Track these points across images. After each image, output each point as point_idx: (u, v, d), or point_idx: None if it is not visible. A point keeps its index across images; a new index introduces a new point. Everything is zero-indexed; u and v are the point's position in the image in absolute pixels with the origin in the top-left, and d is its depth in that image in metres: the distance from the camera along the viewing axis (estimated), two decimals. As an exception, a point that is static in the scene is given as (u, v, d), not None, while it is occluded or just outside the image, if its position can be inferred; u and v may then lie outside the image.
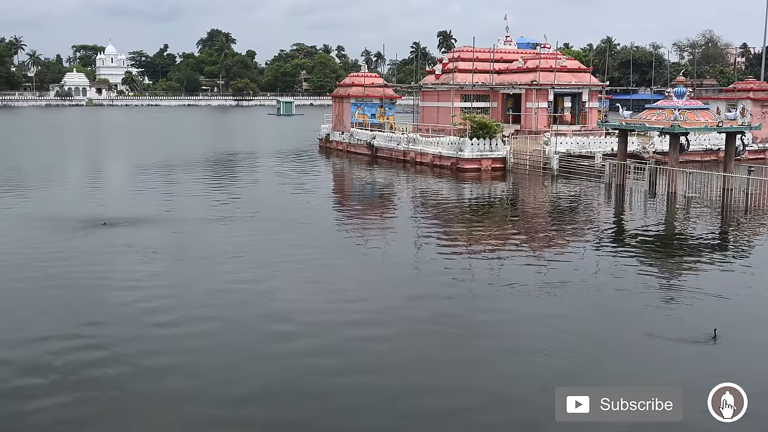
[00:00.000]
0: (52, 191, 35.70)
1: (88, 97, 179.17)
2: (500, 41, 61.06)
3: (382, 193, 38.02)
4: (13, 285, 18.22)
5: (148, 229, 25.15)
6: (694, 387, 11.58)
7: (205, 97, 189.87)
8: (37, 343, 14.06)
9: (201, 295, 17.27)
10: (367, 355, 13.87)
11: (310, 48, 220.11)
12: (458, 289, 18.21)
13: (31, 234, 24.20)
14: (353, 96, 59.99)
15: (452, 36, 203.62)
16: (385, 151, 51.46)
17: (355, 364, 13.39)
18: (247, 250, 22.02)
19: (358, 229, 26.85)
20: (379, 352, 14.02)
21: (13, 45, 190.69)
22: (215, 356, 13.68)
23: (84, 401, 11.74)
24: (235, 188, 37.22)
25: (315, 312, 16.19)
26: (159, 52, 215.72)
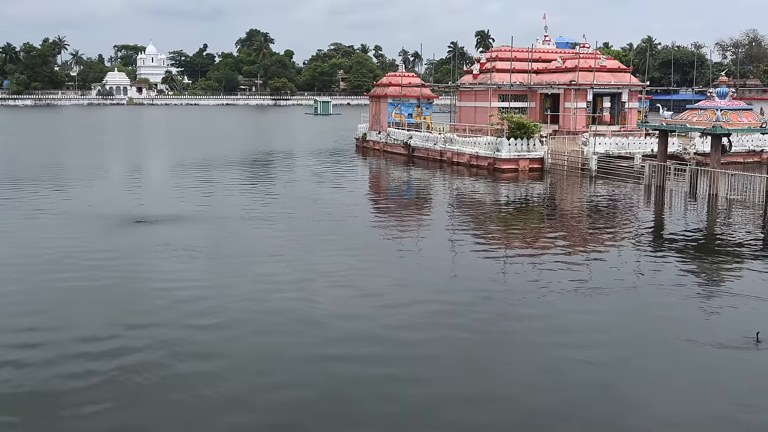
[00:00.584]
0: (93, 189, 36.29)
1: (129, 97, 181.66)
2: (539, 41, 60.59)
3: (418, 193, 37.98)
4: (53, 283, 18.52)
5: (187, 228, 25.43)
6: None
7: (244, 97, 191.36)
8: (78, 340, 14.30)
9: (239, 295, 17.38)
10: (403, 358, 13.82)
11: (348, 48, 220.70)
12: (494, 289, 18.09)
13: (72, 231, 24.61)
14: (390, 96, 60.02)
15: (490, 36, 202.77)
16: (421, 151, 51.38)
17: (390, 367, 13.36)
18: (285, 250, 22.13)
19: (395, 229, 26.86)
20: (414, 354, 13.98)
21: (57, 45, 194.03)
22: (252, 356, 13.77)
23: (123, 399, 11.89)
24: (272, 187, 37.45)
25: (350, 312, 16.21)
26: (198, 52, 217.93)
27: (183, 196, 33.24)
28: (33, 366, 12.94)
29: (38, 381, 12.34)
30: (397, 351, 14.04)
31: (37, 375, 12.57)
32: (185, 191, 35.06)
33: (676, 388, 12.48)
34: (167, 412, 11.52)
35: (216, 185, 37.47)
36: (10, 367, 12.90)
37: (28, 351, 13.65)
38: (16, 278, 18.88)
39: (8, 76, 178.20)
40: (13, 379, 12.43)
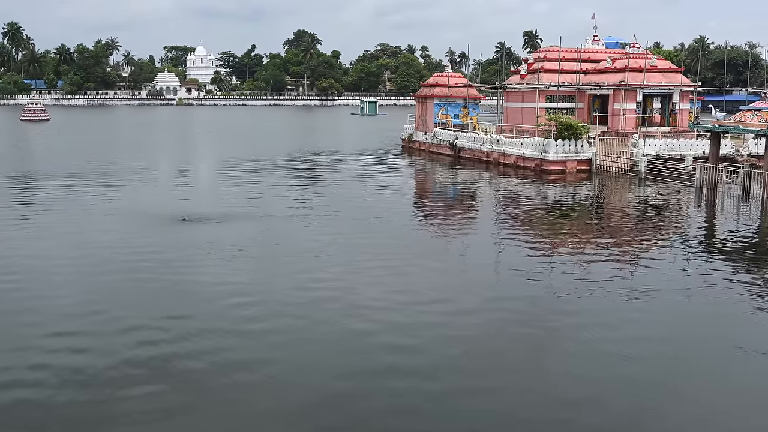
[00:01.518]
0: (142, 188, 36.89)
1: (178, 97, 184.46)
2: (588, 41, 59.92)
3: (464, 193, 37.84)
4: (102, 280, 18.87)
5: (233, 227, 25.69)
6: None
7: (291, 97, 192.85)
8: (126, 336, 14.55)
9: (284, 294, 17.51)
10: (446, 358, 13.76)
11: (395, 48, 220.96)
12: (540, 291, 17.96)
13: (121, 230, 25.05)
14: (437, 96, 59.92)
15: (538, 36, 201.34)
16: (467, 152, 51.18)
17: (433, 367, 13.32)
18: (330, 250, 22.22)
19: (440, 229, 26.79)
20: (457, 354, 13.92)
21: (109, 46, 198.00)
22: (296, 355, 13.84)
23: (168, 395, 12.07)
24: (318, 187, 37.64)
25: (396, 313, 16.19)
26: (247, 53, 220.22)
27: (230, 196, 33.58)
28: (83, 360, 13.20)
29: (89, 376, 12.58)
30: (441, 351, 13.97)
31: (88, 370, 12.81)
32: (232, 190, 35.42)
33: (721, 393, 12.22)
34: (212, 407, 11.64)
35: (262, 185, 37.81)
36: (60, 362, 13.18)
37: (78, 346, 13.94)
38: (69, 275, 19.26)
39: (62, 76, 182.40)
40: (64, 375, 12.68)
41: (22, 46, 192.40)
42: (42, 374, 12.58)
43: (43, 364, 13.02)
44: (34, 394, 11.89)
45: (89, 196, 33.03)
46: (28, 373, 12.67)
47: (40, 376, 12.53)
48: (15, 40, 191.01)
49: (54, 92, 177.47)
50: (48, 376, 12.53)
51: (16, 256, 20.98)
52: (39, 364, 13.02)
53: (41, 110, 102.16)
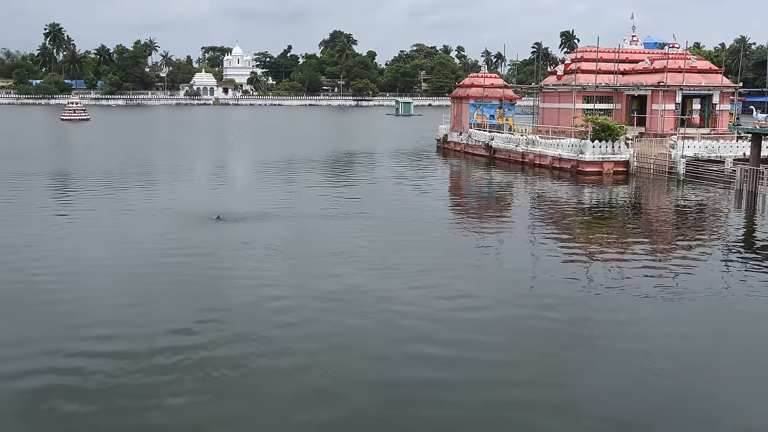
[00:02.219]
0: (179, 186, 37.26)
1: (215, 97, 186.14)
2: (626, 41, 59.21)
3: (499, 194, 37.63)
4: (137, 277, 19.09)
5: (268, 226, 25.83)
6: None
7: (326, 97, 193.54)
8: (161, 334, 14.72)
9: (318, 295, 17.53)
10: (480, 360, 13.67)
11: (430, 48, 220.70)
12: (576, 293, 17.78)
13: (158, 228, 25.34)
14: (472, 97, 59.70)
15: (575, 36, 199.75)
16: (503, 153, 50.89)
17: (464, 368, 13.25)
18: (365, 250, 22.23)
19: (475, 230, 26.66)
20: (492, 357, 13.82)
21: (148, 46, 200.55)
22: (329, 353, 13.86)
23: (202, 391, 12.17)
24: (353, 187, 37.69)
25: (426, 312, 16.13)
26: (283, 53, 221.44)
27: (265, 195, 33.77)
28: (120, 356, 13.36)
29: (124, 372, 12.72)
30: (472, 352, 13.88)
31: (124, 366, 12.96)
32: (267, 190, 35.62)
33: (761, 398, 11.98)
34: (244, 403, 11.70)
35: (298, 184, 37.96)
36: (100, 357, 13.35)
37: (115, 342, 14.11)
38: (107, 272, 19.52)
39: (102, 77, 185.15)
40: (103, 369, 12.84)
41: (63, 47, 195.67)
42: (81, 365, 12.78)
43: (83, 356, 13.24)
44: (74, 384, 12.08)
45: (127, 194, 33.44)
46: (68, 364, 12.88)
47: (80, 367, 12.73)
48: (56, 41, 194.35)
49: (94, 92, 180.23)
50: (87, 368, 12.72)
51: (56, 253, 21.32)
52: (79, 356, 13.25)
53: (81, 110, 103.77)
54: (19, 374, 12.62)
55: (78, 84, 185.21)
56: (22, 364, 13.01)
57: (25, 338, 14.27)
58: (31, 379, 12.47)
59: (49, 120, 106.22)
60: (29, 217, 27.08)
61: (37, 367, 12.91)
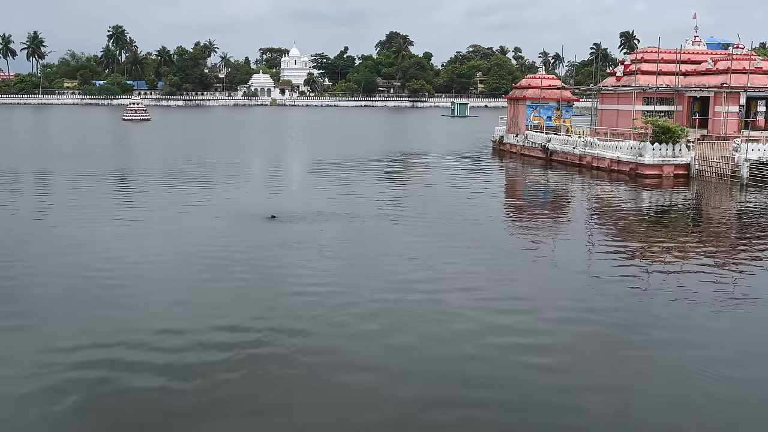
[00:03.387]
0: (235, 185, 37.69)
1: (272, 98, 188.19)
2: (688, 41, 57.89)
3: (555, 197, 37.16)
4: (194, 275, 19.35)
5: (323, 225, 25.94)
6: None
7: (382, 98, 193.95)
8: (214, 331, 14.88)
9: (372, 296, 17.52)
10: (533, 365, 13.45)
11: (487, 49, 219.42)
12: (632, 298, 17.43)
13: (214, 227, 25.68)
14: (529, 98, 59.13)
15: (635, 36, 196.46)
16: (559, 155, 50.27)
17: (518, 373, 13.07)
18: (419, 252, 22.15)
19: (530, 233, 26.36)
20: (545, 363, 13.61)
21: (207, 48, 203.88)
22: (381, 356, 13.82)
23: (255, 391, 12.26)
24: (408, 188, 37.64)
25: (479, 315, 15.98)
26: (339, 54, 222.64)
27: (320, 195, 33.93)
28: (172, 353, 13.54)
29: (177, 367, 12.90)
30: (524, 356, 13.68)
31: (178, 361, 13.14)
32: (322, 190, 35.80)
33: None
34: (295, 401, 11.75)
35: (353, 184, 38.08)
36: (151, 354, 13.55)
37: (170, 338, 14.32)
38: (164, 270, 19.85)
39: (162, 77, 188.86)
40: (153, 367, 13.03)
41: (125, 49, 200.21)
42: (137, 360, 13.01)
43: (139, 351, 13.47)
44: (132, 381, 12.29)
45: (185, 193, 33.98)
46: (126, 358, 13.10)
47: (136, 361, 12.96)
48: (119, 43, 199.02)
49: (154, 93, 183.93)
50: (144, 364, 12.92)
51: (117, 251, 21.77)
52: (135, 351, 13.48)
53: (142, 110, 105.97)
54: (77, 368, 12.88)
55: (139, 85, 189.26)
56: (81, 358, 13.28)
57: (85, 333, 14.57)
58: (89, 372, 12.71)
59: (111, 120, 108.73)
60: (91, 215, 27.69)
61: (95, 361, 13.17)
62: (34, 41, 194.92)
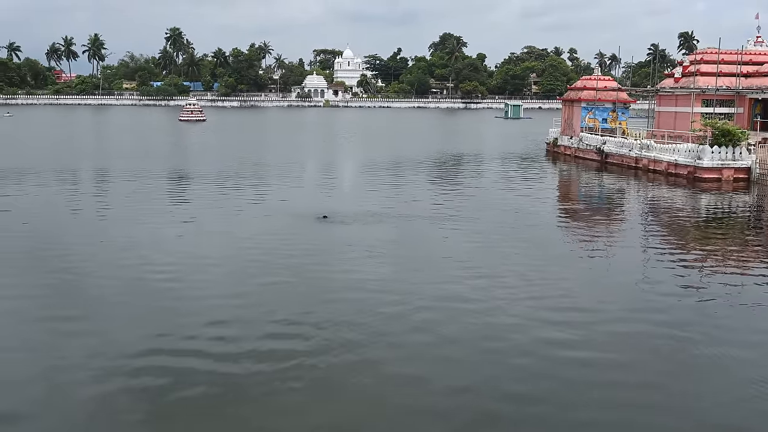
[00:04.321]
0: (288, 185, 37.99)
1: (326, 99, 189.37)
2: (749, 42, 56.43)
3: (610, 200, 36.58)
4: (246, 275, 19.55)
5: (373, 227, 25.99)
6: None
7: (434, 100, 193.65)
8: (264, 333, 15.02)
9: (421, 300, 17.46)
10: (586, 375, 13.24)
11: (541, 50, 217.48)
12: (689, 307, 17.03)
13: (267, 226, 25.96)
14: (584, 100, 58.42)
15: (694, 37, 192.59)
16: (615, 157, 49.50)
17: (571, 382, 12.87)
18: (470, 255, 22.03)
19: (584, 237, 25.99)
20: (597, 372, 13.38)
21: (262, 50, 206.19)
22: (430, 363, 13.76)
23: (305, 392, 12.32)
24: (459, 190, 37.46)
25: (535, 321, 15.80)
26: (392, 56, 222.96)
27: (372, 196, 33.98)
28: (227, 351, 13.71)
29: (230, 367, 13.04)
30: (577, 367, 13.46)
31: (230, 361, 13.28)
32: (374, 191, 35.85)
33: None
34: (345, 405, 11.78)
35: (404, 186, 38.04)
36: (208, 353, 13.73)
37: (222, 338, 14.49)
38: (217, 270, 20.09)
39: (218, 79, 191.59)
40: (210, 364, 13.21)
41: (182, 50, 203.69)
42: (191, 359, 13.20)
43: (192, 351, 13.67)
44: (184, 376, 12.48)
45: (239, 193, 34.37)
46: (179, 357, 13.30)
47: (190, 361, 13.15)
48: (177, 45, 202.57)
49: (210, 94, 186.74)
50: (195, 363, 13.11)
51: (172, 250, 22.16)
52: (189, 351, 13.68)
53: (198, 111, 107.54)
54: (134, 366, 13.11)
55: (195, 86, 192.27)
56: (139, 358, 13.51)
57: (142, 332, 14.82)
58: (145, 370, 12.92)
59: (168, 120, 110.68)
60: (147, 214, 28.21)
61: (153, 359, 13.39)
62: (95, 43, 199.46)
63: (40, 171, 42.02)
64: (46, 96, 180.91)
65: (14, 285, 18.21)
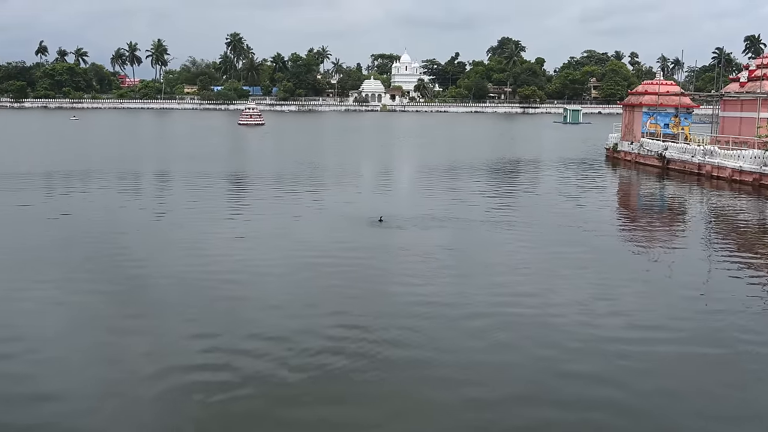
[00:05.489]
0: (345, 189, 38.13)
1: (383, 103, 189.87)
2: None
3: (672, 207, 35.77)
4: (302, 276, 19.69)
5: (429, 231, 25.91)
6: None
7: (492, 104, 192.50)
8: (320, 333, 15.09)
9: (474, 304, 17.36)
10: (644, 387, 12.94)
11: (601, 55, 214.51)
12: (754, 319, 16.51)
13: (323, 229, 26.12)
14: (645, 105, 57.40)
15: (761, 40, 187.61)
16: (677, 164, 48.47)
17: (629, 394, 12.60)
18: (527, 261, 21.81)
19: (644, 244, 25.47)
20: (656, 383, 13.08)
21: (320, 54, 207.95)
22: (485, 370, 13.64)
23: (358, 396, 12.33)
24: (517, 195, 37.11)
25: (592, 331, 15.54)
26: (450, 60, 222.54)
27: (428, 199, 33.86)
28: (278, 357, 13.80)
29: (283, 374, 13.14)
30: (636, 378, 13.17)
31: (284, 367, 13.38)
32: (430, 195, 35.74)
33: None
34: (395, 409, 11.75)
35: (461, 190, 37.81)
36: (263, 354, 13.86)
37: (277, 341, 14.61)
38: (274, 272, 20.27)
39: (277, 83, 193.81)
40: (261, 367, 13.31)
41: (242, 55, 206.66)
42: (246, 360, 13.35)
43: (248, 351, 13.82)
44: (238, 377, 12.62)
45: (297, 196, 34.65)
46: (235, 358, 13.46)
47: (244, 361, 13.29)
48: (237, 50, 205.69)
49: (269, 98, 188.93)
50: (250, 363, 13.25)
51: (230, 252, 22.44)
52: (244, 351, 13.84)
53: (257, 115, 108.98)
54: (188, 364, 13.32)
55: (255, 90, 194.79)
56: (198, 356, 13.72)
57: (198, 332, 15.04)
58: (201, 372, 13.11)
59: (227, 124, 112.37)
60: (207, 217, 28.66)
61: (206, 359, 13.59)
62: (158, 49, 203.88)
63: (104, 173, 43.06)
64: (110, 100, 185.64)
65: (78, 284, 18.69)
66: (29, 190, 35.72)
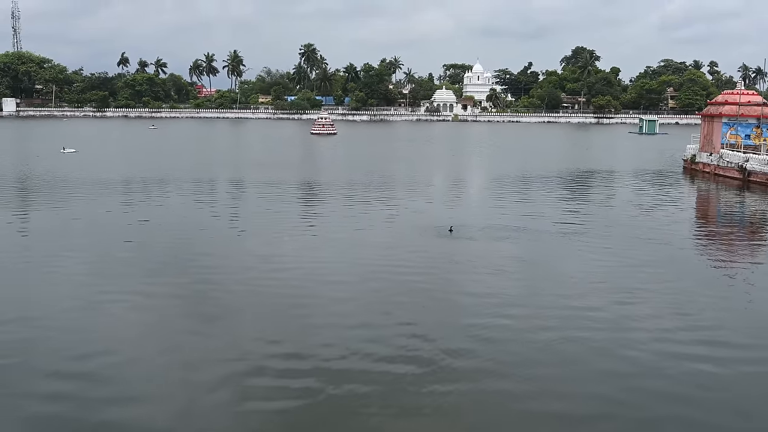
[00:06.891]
0: (415, 198, 38.09)
1: (454, 113, 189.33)
2: None
3: (753, 221, 34.54)
4: (370, 285, 19.82)
5: (500, 242, 25.71)
6: None
7: (565, 114, 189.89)
8: (391, 339, 15.12)
9: (544, 317, 17.17)
10: (717, 406, 12.57)
11: (679, 64, 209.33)
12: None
13: (392, 237, 26.19)
14: (725, 115, 55.78)
15: None
16: (759, 176, 46.92)
17: (701, 412, 12.24)
18: (599, 274, 21.46)
19: (723, 259, 24.74)
20: (718, 398, 12.68)
21: (392, 65, 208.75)
22: (556, 383, 13.47)
23: (423, 407, 12.29)
24: (590, 206, 36.44)
25: (666, 347, 15.19)
26: (523, 70, 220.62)
27: (499, 210, 33.57)
28: (344, 366, 13.90)
29: (349, 382, 13.23)
30: (710, 394, 12.83)
31: (350, 375, 13.44)
32: (502, 205, 35.41)
33: None
34: (463, 421, 11.64)
35: (533, 201, 37.37)
36: (324, 360, 13.95)
37: (343, 349, 14.74)
38: (344, 280, 20.45)
39: (349, 93, 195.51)
40: (327, 375, 13.42)
41: (315, 66, 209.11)
42: (312, 368, 13.49)
43: (314, 358, 13.97)
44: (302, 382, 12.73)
45: (366, 205, 34.83)
46: (301, 360, 13.59)
47: (310, 369, 13.44)
48: (310, 61, 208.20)
49: (341, 108, 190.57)
50: (326, 369, 13.37)
51: (300, 259, 22.74)
52: (310, 358, 13.99)
53: (329, 125, 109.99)
54: (258, 372, 13.54)
55: (327, 100, 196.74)
56: (263, 363, 13.93)
57: (271, 339, 15.30)
58: (269, 378, 13.34)
59: (300, 133, 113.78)
60: (279, 224, 29.10)
61: (276, 366, 13.80)
62: (234, 60, 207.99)
63: (180, 181, 44.16)
64: (187, 110, 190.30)
65: (155, 288, 19.21)
66: (111, 195, 36.91)
